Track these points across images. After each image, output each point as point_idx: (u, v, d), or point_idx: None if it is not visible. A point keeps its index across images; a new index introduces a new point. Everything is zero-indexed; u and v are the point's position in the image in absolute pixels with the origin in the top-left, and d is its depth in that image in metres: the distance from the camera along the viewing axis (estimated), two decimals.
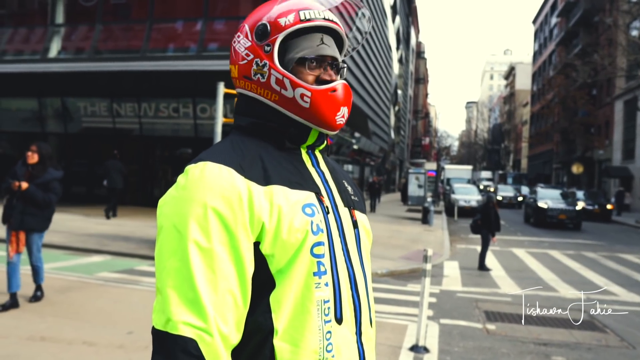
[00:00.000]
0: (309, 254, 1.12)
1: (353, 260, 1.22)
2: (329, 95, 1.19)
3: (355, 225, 1.27)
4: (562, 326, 6.63)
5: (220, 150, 1.18)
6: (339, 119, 1.22)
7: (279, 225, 1.10)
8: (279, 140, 1.23)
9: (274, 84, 1.20)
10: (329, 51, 1.24)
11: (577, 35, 43.50)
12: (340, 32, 1.28)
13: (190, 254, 1.05)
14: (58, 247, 9.85)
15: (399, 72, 50.93)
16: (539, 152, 58.30)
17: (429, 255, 5.12)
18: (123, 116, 17.79)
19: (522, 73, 77.64)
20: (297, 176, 1.19)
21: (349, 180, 1.39)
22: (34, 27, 18.66)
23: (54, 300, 6.11)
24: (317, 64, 1.22)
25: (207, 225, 1.06)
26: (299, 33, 1.22)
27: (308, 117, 1.20)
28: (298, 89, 1.19)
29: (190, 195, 1.09)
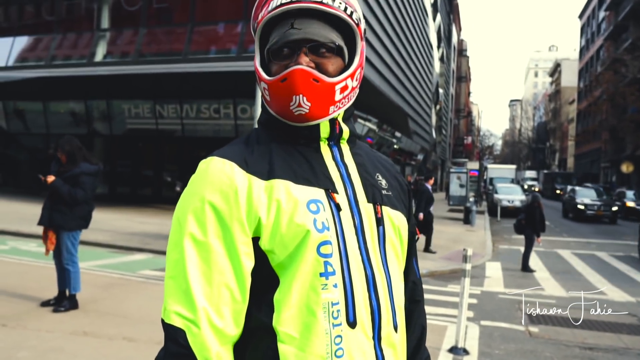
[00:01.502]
0: (315, 253, 1.07)
1: (373, 260, 1.14)
2: (280, 85, 1.11)
3: (380, 222, 1.18)
4: (609, 330, 6.38)
5: (232, 145, 1.18)
6: (295, 109, 1.12)
7: (278, 220, 1.07)
8: (294, 135, 1.19)
9: (258, 81, 1.19)
10: (299, 35, 1.11)
11: (627, 29, 41.93)
12: (319, 8, 1.11)
13: (186, 246, 1.06)
14: (103, 245, 10.12)
15: (440, 71, 50.29)
16: (586, 150, 56.51)
17: (468, 255, 5.01)
18: (165, 117, 18.15)
19: (568, 69, 75.43)
20: (307, 171, 1.14)
21: (388, 173, 1.30)
22: (81, 33, 19.24)
23: (97, 297, 6.26)
24: (291, 51, 1.12)
25: (203, 219, 1.06)
26: (273, 24, 1.15)
27: (275, 110, 1.16)
28: (262, 83, 1.16)
29: (193, 189, 1.11)
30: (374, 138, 23.79)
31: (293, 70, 1.09)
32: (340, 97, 1.16)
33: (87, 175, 5.63)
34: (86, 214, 5.76)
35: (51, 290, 6.30)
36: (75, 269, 5.70)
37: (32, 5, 20.75)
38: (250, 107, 16.16)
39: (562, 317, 6.82)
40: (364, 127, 21.29)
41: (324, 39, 1.13)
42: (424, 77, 36.87)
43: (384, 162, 1.34)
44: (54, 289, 6.17)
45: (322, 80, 1.11)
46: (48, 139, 21.06)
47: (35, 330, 4.88)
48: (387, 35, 22.32)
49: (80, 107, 19.61)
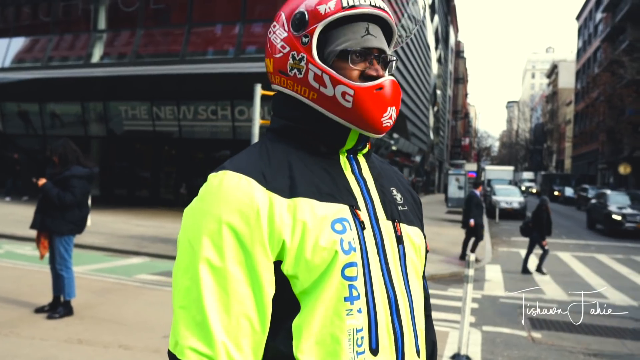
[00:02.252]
0: (340, 276, 0.98)
1: (395, 281, 1.06)
2: (374, 93, 1.04)
3: (400, 240, 1.10)
4: (613, 335, 6.30)
5: (246, 156, 1.07)
6: (386, 121, 1.07)
7: (303, 243, 0.97)
8: (314, 144, 1.10)
9: (312, 81, 1.06)
10: (376, 42, 1.08)
11: (624, 31, 41.97)
12: (388, 20, 1.11)
13: (201, 273, 0.95)
14: (99, 249, 10.01)
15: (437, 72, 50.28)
16: (584, 152, 56.55)
17: (471, 261, 4.92)
18: (163, 119, 18.05)
19: (565, 71, 75.52)
20: (330, 186, 1.05)
21: (401, 185, 1.24)
22: (78, 34, 19.14)
23: (93, 303, 6.15)
24: (362, 57, 1.07)
25: (220, 243, 0.96)
26: (341, 22, 1.07)
27: (350, 118, 1.06)
28: (339, 87, 1.04)
29: (206, 208, 0.99)
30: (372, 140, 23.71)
31: (391, 80, 1.07)
32: None
33: (78, 179, 5.45)
34: (78, 219, 5.57)
35: (46, 295, 6.19)
36: (69, 274, 5.55)
37: (28, 6, 20.64)
38: (248, 109, 16.07)
39: (565, 322, 6.74)
40: None
41: (389, 52, 1.13)
42: (422, 78, 36.83)
43: (396, 175, 1.26)
44: (49, 294, 6.06)
45: (401, 93, 1.11)
46: (45, 141, 20.93)
47: (29, 338, 4.78)
48: None
49: (77, 109, 19.49)
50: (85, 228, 5.81)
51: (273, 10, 16.99)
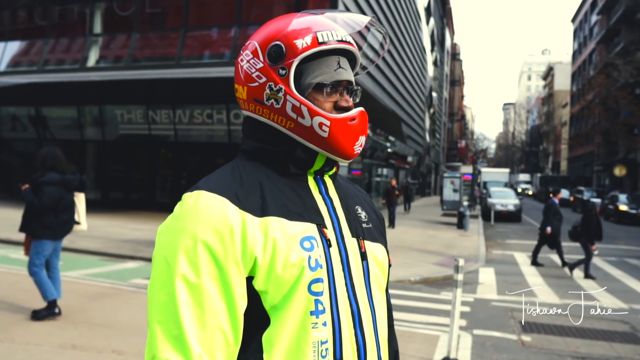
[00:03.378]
0: (306, 291, 1.05)
1: (359, 296, 1.13)
2: (348, 124, 1.13)
3: (364, 257, 1.18)
4: (602, 338, 6.37)
5: (219, 177, 1.13)
6: (357, 149, 1.16)
7: (273, 260, 1.04)
8: (284, 166, 1.17)
9: (289, 111, 1.13)
10: (346, 75, 1.17)
11: (619, 33, 42.18)
12: (355, 53, 1.20)
13: (177, 288, 1.01)
14: (94, 253, 10.05)
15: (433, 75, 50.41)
16: (579, 154, 56.75)
17: (460, 266, 4.98)
18: (158, 123, 18.08)
19: (561, 73, 75.79)
20: (299, 206, 1.12)
21: (365, 204, 1.31)
22: (74, 38, 19.18)
23: (87, 308, 6.20)
24: (333, 89, 1.15)
25: (196, 259, 1.02)
26: (316, 56, 1.15)
27: (325, 146, 1.14)
28: (317, 118, 1.12)
29: (181, 226, 1.05)
30: (368, 142, 23.79)
31: (361, 112, 1.16)
32: None
33: (49, 185, 5.55)
34: (54, 224, 5.64)
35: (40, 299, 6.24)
36: (38, 277, 5.61)
37: (24, 10, 20.68)
38: None
39: (555, 326, 6.81)
40: None
41: (355, 84, 1.21)
42: (418, 81, 36.94)
43: (360, 193, 1.34)
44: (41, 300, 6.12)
45: (368, 122, 1.20)
46: (41, 145, 20.95)
47: (23, 344, 4.82)
48: None
49: (73, 113, 19.51)
50: (65, 234, 5.87)
51: (268, 14, 17.06)
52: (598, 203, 11.33)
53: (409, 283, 9.35)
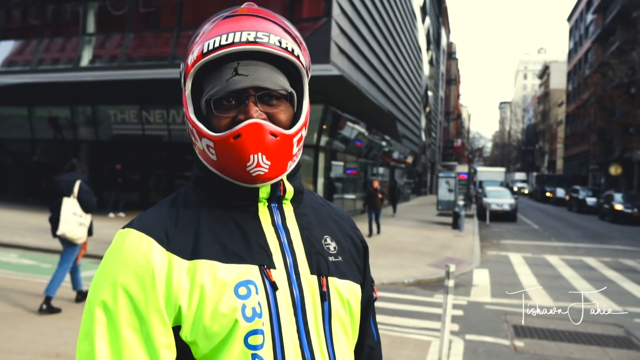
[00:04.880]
0: (242, 344, 0.93)
1: (315, 343, 1.00)
2: (231, 142, 0.96)
3: (325, 297, 1.03)
4: (595, 343, 6.31)
5: (155, 212, 1.03)
6: (254, 170, 0.97)
7: (201, 309, 0.93)
8: (227, 196, 1.04)
9: (191, 135, 1.03)
10: (246, 82, 0.97)
11: (614, 33, 42.22)
12: (267, 50, 0.97)
13: (97, 339, 0.92)
14: (86, 256, 9.91)
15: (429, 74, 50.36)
16: (575, 153, 56.82)
17: (451, 272, 4.91)
18: (152, 123, 17.99)
19: (557, 72, 75.89)
20: (240, 245, 0.99)
21: (339, 230, 1.15)
22: (67, 37, 19.04)
23: (73, 314, 6.10)
24: (237, 101, 0.98)
25: (116, 307, 0.92)
26: (212, 67, 0.99)
27: (222, 170, 1.01)
28: (204, 140, 0.99)
29: (105, 269, 0.97)
30: (363, 141, 23.72)
31: (249, 124, 0.95)
32: (296, 149, 1.03)
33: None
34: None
35: (29, 304, 6.15)
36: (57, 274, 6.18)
37: (17, 10, 20.52)
38: None
39: (549, 330, 6.75)
40: (352, 130, 21.21)
41: (275, 86, 0.99)
42: (413, 80, 36.87)
43: (335, 217, 1.18)
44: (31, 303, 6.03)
45: (281, 134, 0.98)
46: (34, 145, 20.82)
47: (6, 352, 4.73)
48: (376, 38, 22.26)
49: (66, 113, 19.40)
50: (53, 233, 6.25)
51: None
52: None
53: (402, 285, 9.28)
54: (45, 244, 10.55)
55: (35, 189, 20.42)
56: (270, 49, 0.97)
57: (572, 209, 35.64)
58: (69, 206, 6.14)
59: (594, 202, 32.50)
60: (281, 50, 0.98)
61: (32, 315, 5.85)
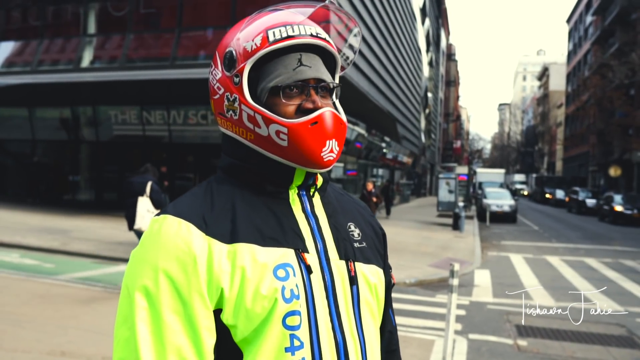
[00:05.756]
0: (281, 325, 0.95)
1: (346, 326, 1.03)
2: (309, 128, 0.99)
3: (354, 281, 1.06)
4: (598, 342, 6.32)
5: (189, 199, 1.04)
6: (327, 155, 1.01)
7: (242, 292, 0.94)
8: (260, 184, 1.06)
9: (246, 122, 1.03)
10: (311, 73, 1.03)
11: (614, 34, 42.29)
12: (325, 47, 1.06)
13: (138, 323, 0.92)
14: (86, 256, 9.94)
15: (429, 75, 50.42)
16: (575, 154, 56.89)
17: (455, 270, 4.92)
18: (153, 124, 17.99)
19: (556, 74, 75.96)
20: (275, 229, 1.01)
21: (361, 219, 1.19)
22: (68, 38, 19.05)
23: (78, 312, 6.11)
24: (298, 90, 1.02)
25: (157, 292, 0.93)
26: (273, 56, 1.02)
27: (289, 156, 1.02)
28: (273, 125, 1.01)
29: (144, 254, 0.97)
30: (363, 143, 23.74)
31: (325, 112, 1.01)
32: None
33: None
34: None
35: (31, 304, 6.16)
36: None
37: (17, 10, 20.52)
38: None
39: (552, 329, 6.76)
40: (352, 132, 21.24)
41: (329, 79, 1.07)
42: (413, 81, 36.92)
43: (355, 207, 1.22)
44: (35, 302, 6.03)
45: (344, 123, 1.05)
46: (34, 145, 20.81)
47: (11, 351, 4.73)
48: (376, 40, 22.30)
49: (66, 113, 19.41)
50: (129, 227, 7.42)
51: None
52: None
53: (404, 285, 9.29)
54: (47, 244, 10.55)
55: (35, 189, 20.43)
56: (328, 46, 1.06)
57: (571, 210, 35.67)
58: (143, 204, 6.87)
59: (593, 203, 32.53)
60: (332, 47, 1.08)
61: (35, 315, 5.85)
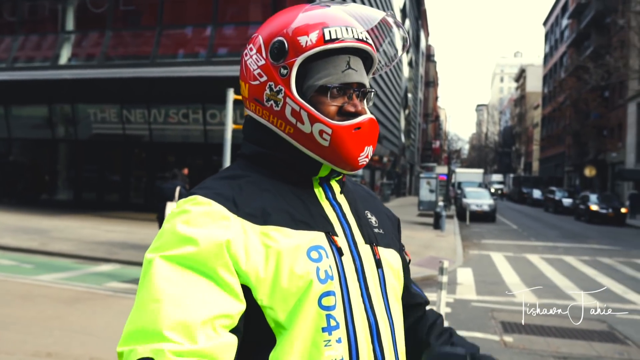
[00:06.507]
0: (317, 305, 0.95)
1: (376, 306, 1.05)
2: (352, 133, 1.02)
3: (379, 264, 1.09)
4: (582, 338, 6.43)
5: (217, 183, 1.03)
6: (362, 159, 1.04)
7: (278, 272, 0.94)
8: (287, 172, 1.08)
9: (289, 115, 1.03)
10: (356, 77, 1.05)
11: (589, 37, 43.08)
12: (371, 52, 1.09)
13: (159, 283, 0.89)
14: (67, 256, 9.79)
15: (408, 76, 50.76)
16: (551, 154, 57.81)
17: (445, 268, 4.96)
18: (133, 122, 17.80)
19: (533, 75, 77.12)
20: (304, 214, 1.03)
21: (376, 207, 1.22)
22: (45, 34, 18.73)
23: (62, 313, 6.01)
24: (341, 91, 1.04)
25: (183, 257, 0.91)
26: (323, 55, 1.03)
27: (326, 155, 1.04)
28: (317, 124, 1.01)
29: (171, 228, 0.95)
30: None
31: (369, 120, 1.05)
32: None
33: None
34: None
35: (13, 306, 6.04)
36: None
37: None
38: (220, 113, 15.94)
39: (536, 326, 6.85)
40: None
41: (368, 85, 1.10)
42: (393, 81, 37.14)
43: (369, 196, 1.25)
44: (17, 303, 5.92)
45: (379, 130, 1.12)
46: (10, 144, 20.43)
47: None
48: None
49: (44, 112, 19.07)
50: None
51: (245, 13, 16.92)
52: None
53: None
54: (25, 244, 10.37)
55: (12, 189, 20.06)
56: (373, 52, 1.09)
57: (548, 209, 36.23)
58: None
59: (569, 203, 33.09)
60: (376, 53, 1.11)
61: (19, 316, 5.74)
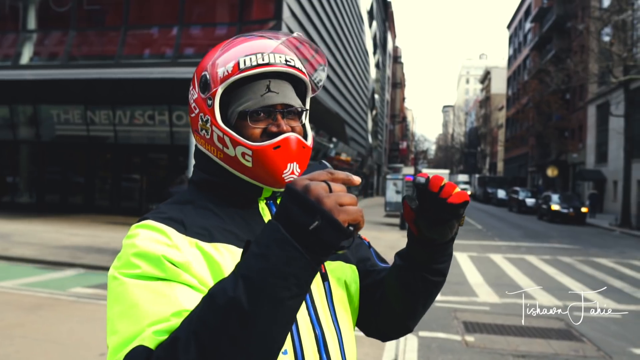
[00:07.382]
0: None
1: (323, 319, 1.11)
2: (272, 152, 1.08)
3: (325, 277, 1.14)
4: (539, 336, 6.65)
5: (167, 209, 1.10)
6: (287, 176, 1.09)
7: None
8: (230, 196, 1.15)
9: (216, 141, 1.11)
10: (278, 99, 1.11)
11: (551, 41, 44.21)
12: (296, 74, 1.13)
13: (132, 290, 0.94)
14: (29, 261, 9.60)
15: (376, 77, 51.16)
16: (515, 155, 59.05)
17: None
18: (97, 124, 17.52)
19: (498, 77, 78.63)
20: (248, 235, 1.08)
21: None
22: (5, 33, 18.28)
23: (24, 320, 5.92)
24: (265, 114, 1.11)
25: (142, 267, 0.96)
26: (243, 82, 1.10)
27: (253, 176, 1.11)
28: (239, 147, 1.09)
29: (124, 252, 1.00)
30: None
31: (288, 138, 1.09)
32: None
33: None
34: None
35: None
36: None
37: None
38: (186, 114, 15.82)
39: (497, 325, 7.05)
40: None
41: (297, 104, 1.14)
42: (360, 83, 37.41)
43: None
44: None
45: (307, 146, 1.13)
46: None
47: None
48: (324, 41, 22.48)
49: (4, 112, 18.61)
50: None
51: (211, 14, 16.85)
52: None
53: None
54: None
55: None
56: (297, 73, 1.13)
57: (512, 209, 37.01)
58: None
59: (532, 202, 33.88)
60: (302, 74, 1.15)
61: None
